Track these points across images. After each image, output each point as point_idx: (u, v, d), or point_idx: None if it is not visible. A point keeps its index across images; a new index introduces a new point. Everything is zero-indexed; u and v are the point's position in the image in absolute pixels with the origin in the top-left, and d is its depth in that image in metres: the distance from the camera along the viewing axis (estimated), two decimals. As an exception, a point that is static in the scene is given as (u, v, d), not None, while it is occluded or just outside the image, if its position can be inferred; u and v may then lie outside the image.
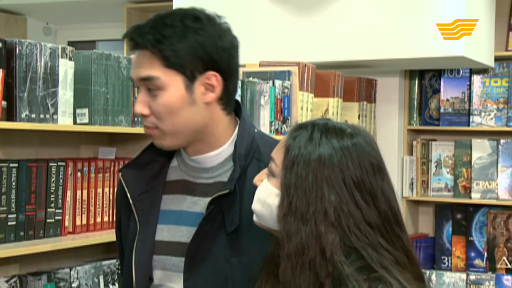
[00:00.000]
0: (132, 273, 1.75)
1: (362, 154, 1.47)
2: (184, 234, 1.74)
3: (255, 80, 3.24)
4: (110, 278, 2.66)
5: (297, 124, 1.54)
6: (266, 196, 1.52)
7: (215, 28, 1.71)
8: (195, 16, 1.70)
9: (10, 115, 2.29)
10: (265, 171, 1.57)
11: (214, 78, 1.70)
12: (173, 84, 1.68)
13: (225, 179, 1.74)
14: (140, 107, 1.70)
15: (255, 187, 1.68)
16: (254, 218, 1.58)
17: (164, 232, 1.76)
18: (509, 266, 4.36)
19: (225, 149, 1.76)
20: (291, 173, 1.46)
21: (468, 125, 4.50)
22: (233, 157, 1.74)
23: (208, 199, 1.72)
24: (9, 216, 2.33)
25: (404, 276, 1.43)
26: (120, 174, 1.83)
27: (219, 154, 1.76)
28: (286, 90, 3.38)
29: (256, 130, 1.81)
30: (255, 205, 1.55)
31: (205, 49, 1.68)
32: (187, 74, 1.68)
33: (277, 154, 1.52)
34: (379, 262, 1.42)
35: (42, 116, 2.37)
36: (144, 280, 1.75)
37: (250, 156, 1.74)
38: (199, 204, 1.75)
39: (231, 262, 1.69)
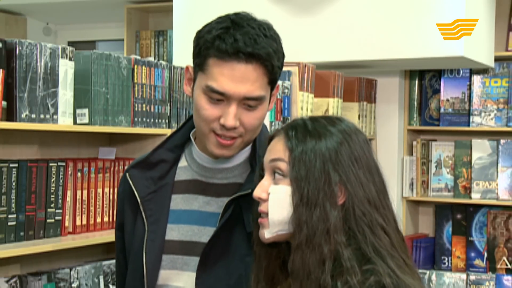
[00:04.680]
0: (141, 272, 1.74)
1: (356, 132, 1.52)
2: (195, 233, 1.74)
3: (255, 80, 3.24)
4: (110, 278, 2.66)
5: (286, 126, 1.54)
6: (284, 198, 1.48)
7: None
8: (268, 24, 1.68)
9: (10, 115, 2.29)
10: (265, 181, 1.53)
11: (277, 88, 1.73)
12: (267, 98, 1.69)
13: (240, 180, 1.74)
14: (235, 121, 1.64)
15: None
16: (267, 234, 1.51)
17: (175, 232, 1.76)
18: (509, 266, 4.35)
19: (245, 151, 1.77)
20: (299, 166, 1.47)
21: (468, 125, 4.49)
22: (251, 159, 1.75)
23: (221, 199, 1.72)
24: (9, 216, 2.33)
25: (398, 262, 1.45)
26: (127, 174, 1.80)
27: (239, 156, 1.76)
28: (286, 90, 3.38)
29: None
30: (274, 216, 1.49)
31: (283, 61, 1.70)
32: (273, 87, 1.70)
33: (283, 154, 1.51)
34: (373, 247, 1.44)
35: (42, 116, 2.37)
36: (154, 279, 1.74)
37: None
38: (211, 204, 1.75)
39: (245, 261, 1.68)
